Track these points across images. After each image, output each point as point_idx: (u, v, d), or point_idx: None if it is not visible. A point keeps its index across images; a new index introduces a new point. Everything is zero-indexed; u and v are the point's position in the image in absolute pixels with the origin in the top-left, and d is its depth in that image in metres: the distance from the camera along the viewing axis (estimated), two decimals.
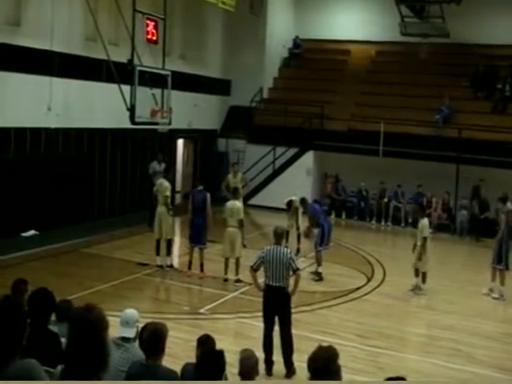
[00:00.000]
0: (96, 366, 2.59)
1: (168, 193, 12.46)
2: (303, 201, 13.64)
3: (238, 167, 16.57)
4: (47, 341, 4.29)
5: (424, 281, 11.85)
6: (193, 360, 4.83)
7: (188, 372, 4.70)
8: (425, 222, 11.85)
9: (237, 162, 17.72)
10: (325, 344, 3.64)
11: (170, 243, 12.61)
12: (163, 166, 16.52)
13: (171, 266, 12.49)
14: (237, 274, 11.61)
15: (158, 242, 12.44)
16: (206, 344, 4.77)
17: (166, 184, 12.58)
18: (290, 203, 14.44)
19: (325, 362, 3.37)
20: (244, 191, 15.69)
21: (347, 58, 23.40)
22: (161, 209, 12.39)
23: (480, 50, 20.68)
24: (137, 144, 17.64)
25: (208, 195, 11.97)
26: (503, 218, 11.89)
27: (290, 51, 23.83)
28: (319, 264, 12.52)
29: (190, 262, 12.04)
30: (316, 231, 12.81)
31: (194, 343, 5.14)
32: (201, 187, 12.20)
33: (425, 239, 11.62)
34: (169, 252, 12.59)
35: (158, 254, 12.45)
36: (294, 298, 8.14)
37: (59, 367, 3.00)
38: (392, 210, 19.09)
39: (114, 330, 4.56)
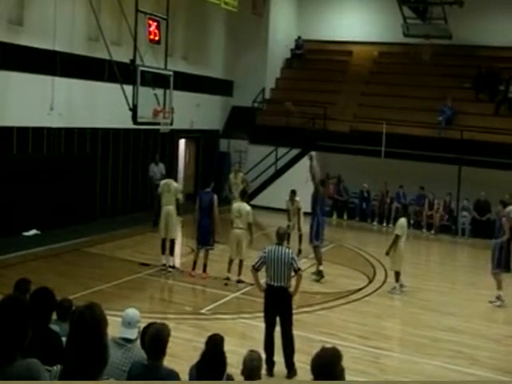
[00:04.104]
0: (95, 364, 2.58)
1: (179, 195, 12.46)
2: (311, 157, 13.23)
3: (239, 167, 16.64)
4: (48, 340, 4.29)
5: (397, 279, 11.81)
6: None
7: (191, 372, 4.72)
8: (402, 221, 11.95)
9: (238, 161, 17.71)
10: (328, 345, 3.62)
11: (173, 243, 12.61)
12: (161, 165, 16.57)
13: (173, 267, 12.48)
14: (239, 274, 11.61)
15: (164, 241, 12.44)
16: (208, 344, 4.76)
17: (175, 185, 12.54)
18: (294, 191, 14.44)
19: (328, 364, 3.34)
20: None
21: (349, 58, 23.42)
22: (168, 209, 12.33)
23: (482, 51, 20.68)
24: (139, 144, 17.65)
25: (215, 197, 11.98)
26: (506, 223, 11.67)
27: (293, 52, 23.84)
28: (320, 263, 12.48)
29: (195, 262, 12.02)
30: (312, 223, 12.59)
31: (195, 343, 5.14)
32: (208, 189, 12.20)
33: (396, 237, 11.68)
34: (172, 252, 12.58)
35: (163, 252, 12.43)
36: (295, 298, 8.14)
37: (55, 367, 3.00)
38: (394, 211, 19.07)
39: (116, 330, 4.56)
